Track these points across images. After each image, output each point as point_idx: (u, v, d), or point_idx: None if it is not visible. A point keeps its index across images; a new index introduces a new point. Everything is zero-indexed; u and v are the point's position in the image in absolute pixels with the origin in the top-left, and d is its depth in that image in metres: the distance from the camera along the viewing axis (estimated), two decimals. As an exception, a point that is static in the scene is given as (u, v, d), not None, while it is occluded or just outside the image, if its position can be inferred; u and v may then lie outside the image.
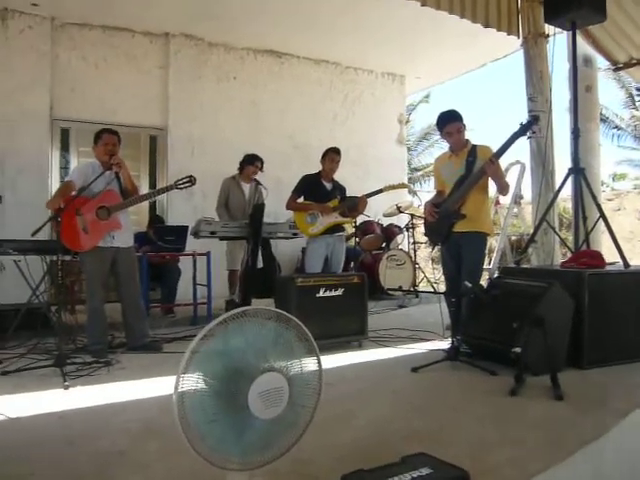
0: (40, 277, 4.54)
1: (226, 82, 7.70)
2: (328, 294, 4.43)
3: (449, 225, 4.23)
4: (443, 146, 4.12)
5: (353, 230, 7.52)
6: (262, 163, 6.18)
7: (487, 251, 4.81)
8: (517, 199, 5.91)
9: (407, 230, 7.78)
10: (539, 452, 2.36)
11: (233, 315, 1.77)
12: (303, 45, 7.88)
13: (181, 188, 4.35)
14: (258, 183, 6.07)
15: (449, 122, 4.24)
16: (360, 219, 7.76)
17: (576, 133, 4.55)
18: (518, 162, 6.01)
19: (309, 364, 1.93)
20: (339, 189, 5.47)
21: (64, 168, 6.82)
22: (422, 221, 4.94)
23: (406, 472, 1.96)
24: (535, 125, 4.07)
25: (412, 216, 7.64)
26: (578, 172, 4.52)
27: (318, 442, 2.47)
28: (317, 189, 5.37)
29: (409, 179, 17.68)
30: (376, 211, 7.90)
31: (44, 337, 4.59)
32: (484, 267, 4.77)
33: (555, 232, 4.81)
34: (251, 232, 5.60)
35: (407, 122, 3.87)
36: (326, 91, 8.47)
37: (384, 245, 7.68)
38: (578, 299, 3.74)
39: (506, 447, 2.41)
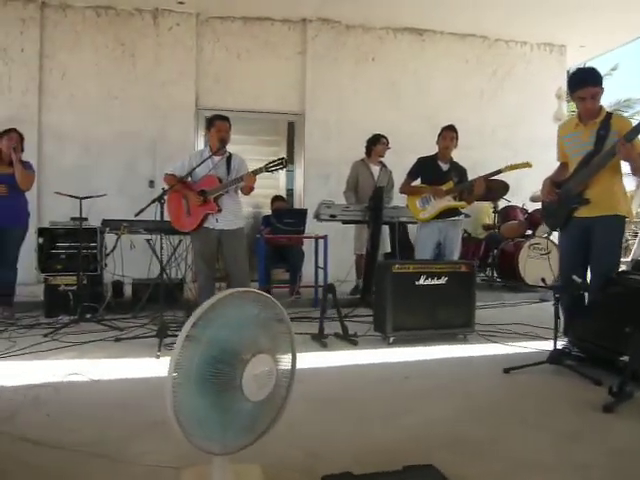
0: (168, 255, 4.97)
1: (364, 64, 7.59)
2: (429, 282, 4.17)
3: (569, 210, 3.69)
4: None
5: (492, 215, 7.07)
6: (387, 140, 6.08)
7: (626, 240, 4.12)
8: None
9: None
10: None
11: (222, 299, 1.72)
12: (446, 19, 7.45)
13: (272, 171, 4.36)
14: (384, 165, 5.93)
15: (584, 85, 3.48)
16: (502, 203, 7.25)
17: None
18: None
19: (286, 344, 1.83)
20: (457, 170, 5.09)
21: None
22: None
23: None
24: None
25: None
26: None
27: (347, 439, 2.37)
28: (432, 171, 5.05)
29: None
30: (522, 195, 7.27)
31: (170, 310, 4.99)
32: (621, 259, 4.10)
33: None
34: (371, 216, 5.51)
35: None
36: (472, 67, 7.93)
37: (529, 233, 7.03)
38: None
39: (556, 473, 2.05)
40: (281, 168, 4.35)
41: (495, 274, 6.98)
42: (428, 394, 3.01)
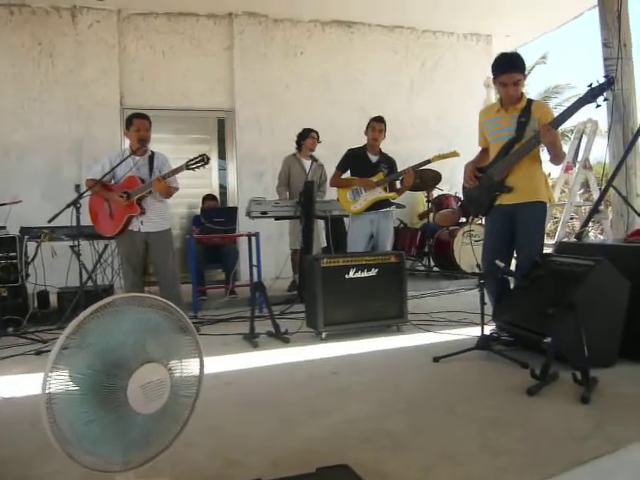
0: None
1: (294, 58, 7.52)
2: (360, 275, 4.13)
3: (491, 197, 3.71)
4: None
5: (426, 205, 7.13)
6: (317, 134, 6.06)
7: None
8: (587, 163, 5.07)
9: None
10: (521, 468, 1.96)
11: (104, 305, 1.61)
12: (374, 12, 7.46)
13: (193, 169, 4.25)
14: (314, 159, 5.87)
15: (506, 70, 3.46)
16: (436, 193, 7.32)
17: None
18: (590, 120, 5.18)
19: (190, 351, 1.73)
20: (386, 162, 5.08)
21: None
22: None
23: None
24: (609, 90, 3.29)
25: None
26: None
27: (268, 442, 2.28)
28: (361, 163, 5.03)
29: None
30: (457, 184, 7.35)
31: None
32: (545, 243, 4.17)
33: (623, 198, 4.05)
34: (302, 211, 5.44)
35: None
36: (401, 58, 7.98)
37: (463, 220, 7.12)
38: (637, 279, 3.14)
39: (480, 459, 2.03)
40: (202, 165, 4.24)
41: (432, 263, 7.03)
42: (355, 389, 2.96)
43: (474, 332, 3.95)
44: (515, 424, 2.37)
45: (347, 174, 5.16)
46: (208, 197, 6.49)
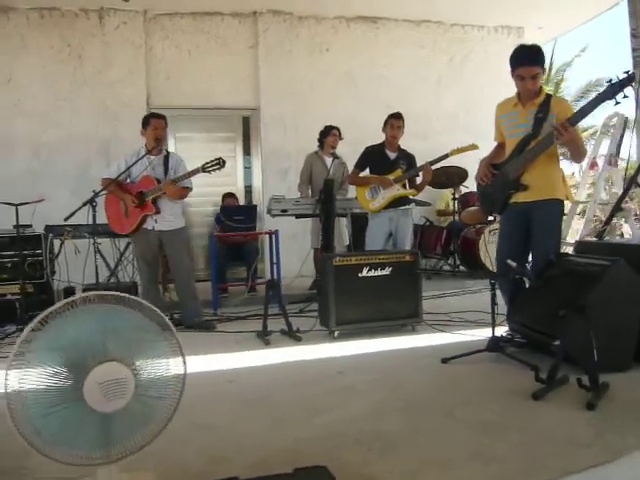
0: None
1: (319, 55, 7.45)
2: (373, 274, 4.08)
3: (506, 195, 3.61)
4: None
5: (451, 203, 7.00)
6: (339, 130, 6.00)
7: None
8: (612, 159, 4.85)
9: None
10: (510, 476, 1.90)
11: (67, 303, 1.64)
12: (400, 6, 7.33)
13: (209, 171, 4.28)
14: (335, 156, 5.83)
15: (524, 63, 3.35)
16: (463, 190, 7.17)
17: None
18: (617, 114, 4.96)
19: (164, 350, 1.72)
20: (405, 158, 5.00)
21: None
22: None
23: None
24: (629, 86, 3.04)
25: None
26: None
27: (259, 441, 2.28)
28: (380, 160, 4.97)
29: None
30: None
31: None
32: (566, 241, 4.03)
33: None
34: (322, 208, 5.41)
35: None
36: (429, 53, 7.83)
37: (491, 219, 6.95)
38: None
39: (469, 466, 1.99)
40: (218, 168, 4.29)
41: (458, 262, 6.90)
42: (359, 389, 2.93)
43: (489, 333, 3.86)
44: (513, 429, 2.30)
45: (366, 172, 5.10)
46: (227, 195, 6.53)
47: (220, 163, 4.27)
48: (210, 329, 4.53)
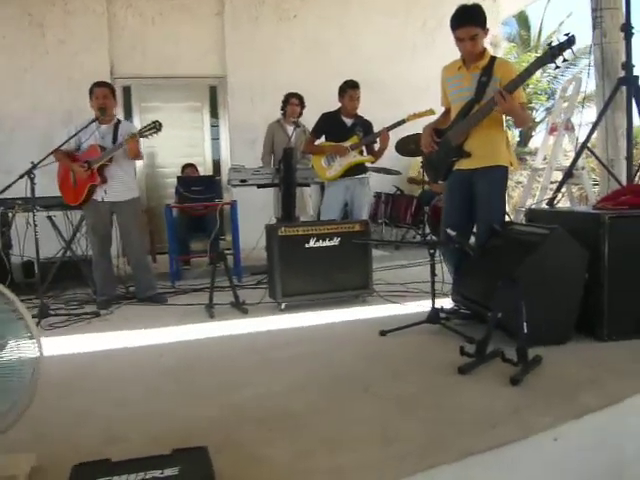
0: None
1: (286, 22, 7.24)
2: (320, 244, 4.00)
3: (449, 163, 3.51)
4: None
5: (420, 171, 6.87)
6: (300, 99, 5.84)
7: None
8: (568, 124, 4.72)
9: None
10: (411, 455, 1.83)
11: None
12: (370, -29, 7.14)
13: (146, 136, 4.17)
14: (297, 125, 5.70)
15: (461, 24, 3.25)
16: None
17: (628, 30, 3.47)
18: (575, 78, 4.81)
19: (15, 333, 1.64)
20: (362, 124, 4.87)
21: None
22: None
23: (146, 470, 1.61)
24: (570, 49, 2.91)
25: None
26: (631, 82, 3.49)
27: (162, 417, 2.22)
28: (336, 127, 4.85)
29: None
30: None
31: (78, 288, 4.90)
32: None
33: (598, 160, 3.75)
34: (282, 178, 5.30)
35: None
36: (402, 21, 7.61)
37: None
38: (597, 250, 2.92)
39: (369, 446, 1.92)
40: (155, 132, 4.19)
41: (428, 231, 6.81)
42: (286, 363, 2.87)
43: (443, 303, 3.78)
44: (428, 406, 2.24)
45: (322, 140, 4.98)
46: (187, 165, 6.38)
47: (156, 127, 4.19)
48: (161, 302, 4.47)
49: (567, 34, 2.98)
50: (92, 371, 2.89)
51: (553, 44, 2.99)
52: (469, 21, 3.24)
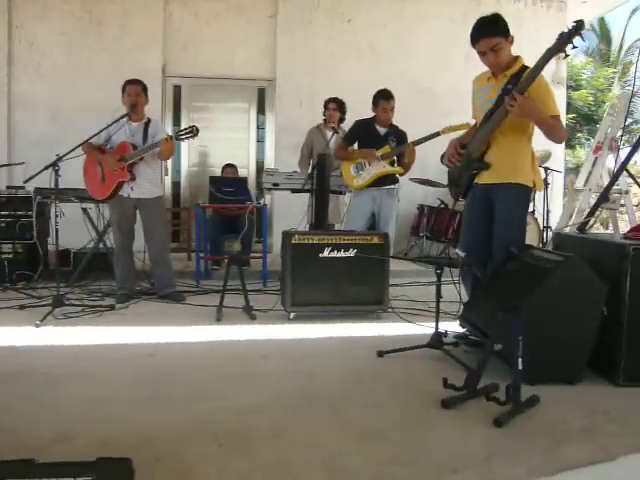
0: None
1: (340, 25, 7.16)
2: (335, 255, 3.88)
3: (470, 176, 3.30)
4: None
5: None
6: (340, 104, 5.67)
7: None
8: (613, 143, 4.32)
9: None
10: None
11: None
12: (430, -23, 6.95)
13: (183, 139, 4.20)
14: (335, 131, 5.59)
15: (479, 37, 3.06)
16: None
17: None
18: (623, 94, 4.43)
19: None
20: (395, 134, 4.71)
21: (176, 125, 7.09)
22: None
23: (61, 476, 1.55)
24: (579, 35, 2.79)
25: (546, 170, 6.31)
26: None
27: (126, 420, 2.19)
28: (369, 135, 4.71)
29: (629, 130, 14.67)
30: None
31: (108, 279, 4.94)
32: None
33: (637, 184, 3.40)
34: (315, 184, 5.20)
35: (566, 57, 2.92)
36: (458, 28, 7.34)
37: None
38: (618, 283, 2.66)
39: (313, 476, 1.79)
40: (192, 136, 4.21)
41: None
42: (268, 376, 2.78)
43: (454, 326, 3.56)
44: (394, 441, 2.05)
45: (355, 147, 4.86)
46: (227, 166, 6.37)
47: (193, 131, 4.19)
48: (179, 300, 4.47)
49: (576, 21, 2.75)
50: (75, 365, 2.89)
51: (563, 33, 2.75)
52: (487, 32, 3.04)
